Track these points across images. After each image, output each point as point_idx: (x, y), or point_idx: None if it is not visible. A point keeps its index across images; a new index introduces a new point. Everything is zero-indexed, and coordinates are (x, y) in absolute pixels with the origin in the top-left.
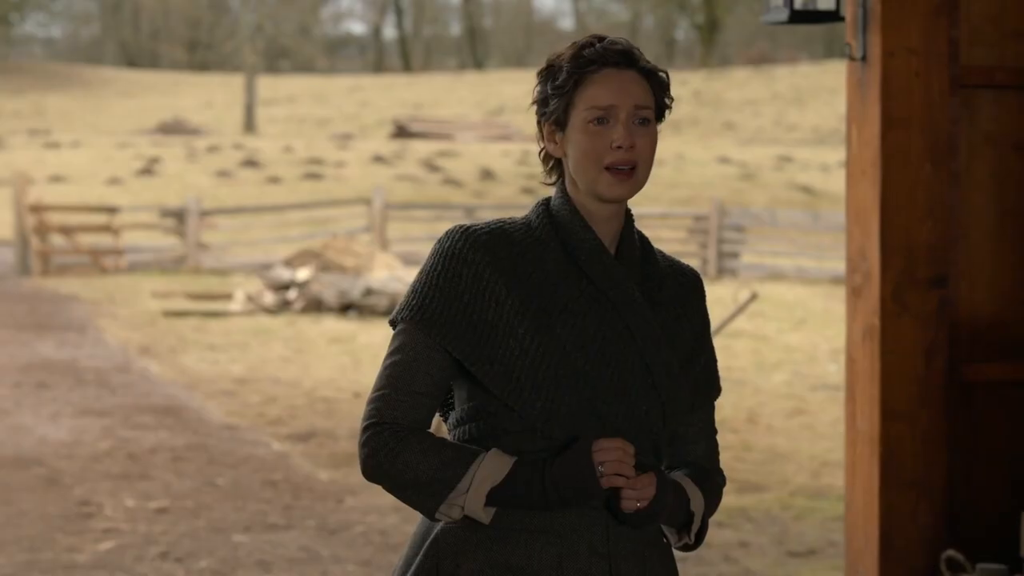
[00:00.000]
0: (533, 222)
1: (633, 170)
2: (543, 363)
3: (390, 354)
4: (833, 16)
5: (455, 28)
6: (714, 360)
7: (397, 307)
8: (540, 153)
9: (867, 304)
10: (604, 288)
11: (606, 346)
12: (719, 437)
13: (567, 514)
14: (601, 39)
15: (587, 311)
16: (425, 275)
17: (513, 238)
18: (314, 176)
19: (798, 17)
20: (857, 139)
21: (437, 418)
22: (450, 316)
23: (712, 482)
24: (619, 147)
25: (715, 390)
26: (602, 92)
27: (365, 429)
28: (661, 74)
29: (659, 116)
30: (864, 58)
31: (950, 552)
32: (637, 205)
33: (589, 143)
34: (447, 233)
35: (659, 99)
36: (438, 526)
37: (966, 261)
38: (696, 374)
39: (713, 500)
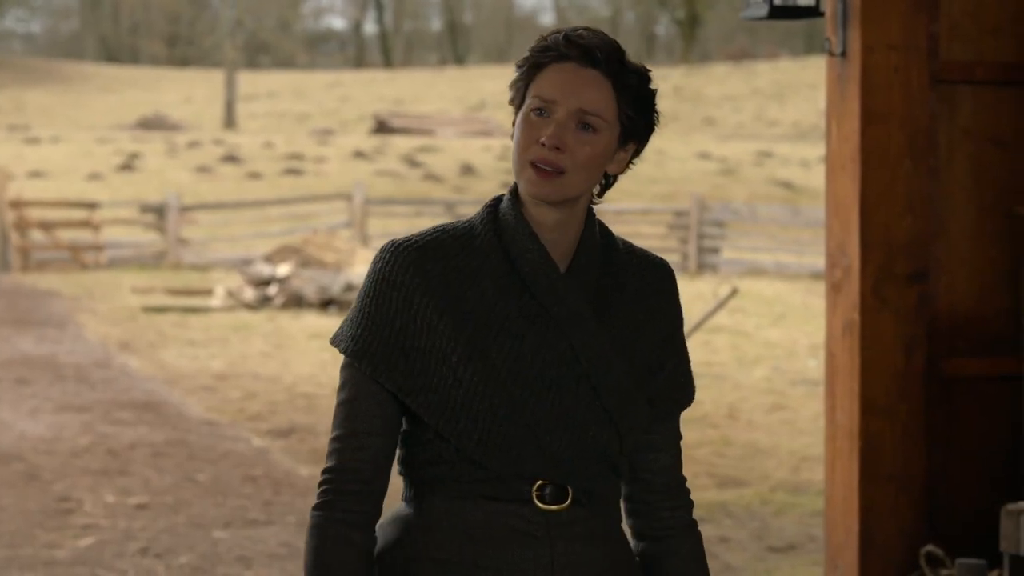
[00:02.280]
0: (476, 228)
1: (561, 174)
2: (477, 392)
3: (338, 391)
4: (813, 12)
5: (435, 23)
6: (686, 363)
7: (338, 329)
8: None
9: (847, 299)
10: (547, 304)
11: (546, 370)
12: (699, 433)
13: (511, 547)
14: (576, 30)
15: (526, 332)
16: (359, 301)
17: (449, 251)
18: (294, 172)
19: (778, 13)
20: (837, 134)
21: None
22: (381, 346)
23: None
24: (543, 144)
25: (685, 396)
26: (548, 84)
27: (324, 472)
28: (632, 84)
29: (626, 131)
30: (844, 54)
31: (929, 547)
32: (617, 201)
33: (522, 133)
34: (380, 251)
35: (623, 110)
36: (380, 551)
37: (945, 256)
38: (661, 383)
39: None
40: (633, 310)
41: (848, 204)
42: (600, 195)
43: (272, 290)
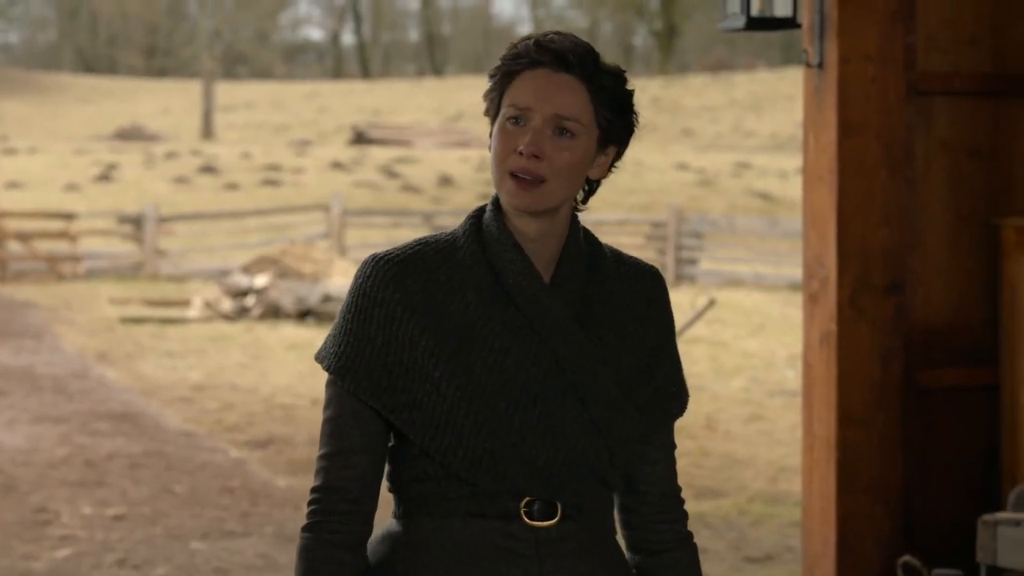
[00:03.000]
0: (459, 240)
1: (541, 183)
2: (461, 408)
3: (324, 408)
4: (790, 23)
5: (414, 34)
6: (678, 371)
7: (322, 345)
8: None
9: (824, 310)
10: (531, 317)
11: (530, 383)
12: (677, 443)
13: (498, 566)
14: (547, 35)
15: (510, 346)
16: (341, 316)
17: (431, 265)
18: (272, 182)
19: (755, 24)
20: (814, 145)
21: None
22: (363, 362)
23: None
24: (520, 153)
25: (678, 405)
26: (521, 91)
27: (312, 491)
28: (607, 85)
29: (605, 134)
30: (821, 65)
31: (906, 558)
32: (595, 211)
33: (499, 143)
34: (361, 265)
35: (600, 113)
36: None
37: (922, 267)
38: (651, 393)
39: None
40: (621, 319)
41: (825, 215)
42: (584, 201)
43: (250, 301)
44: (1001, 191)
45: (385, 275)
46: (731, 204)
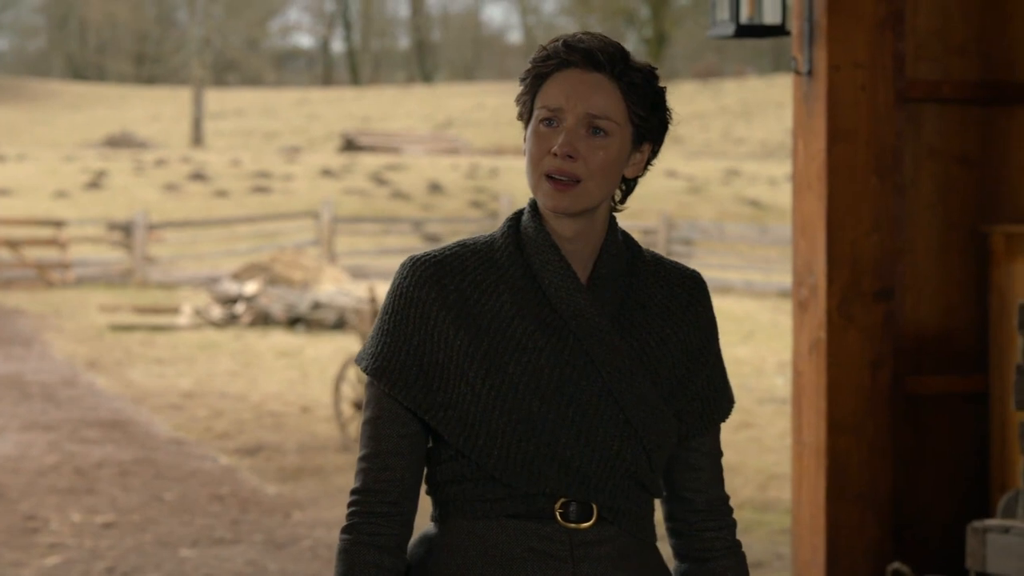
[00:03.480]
0: (497, 241)
1: (577, 183)
2: (495, 407)
3: (363, 409)
4: (779, 30)
5: (403, 41)
6: (720, 375)
7: (362, 347)
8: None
9: (813, 317)
10: (567, 317)
11: (564, 384)
12: None
13: (531, 568)
14: (576, 35)
15: (544, 346)
16: (380, 318)
17: (467, 265)
18: (262, 189)
19: (744, 32)
20: (803, 152)
21: None
22: (399, 363)
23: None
24: (555, 154)
25: (719, 411)
26: (553, 92)
27: (351, 493)
28: (638, 82)
29: (639, 132)
30: (810, 72)
31: (896, 564)
32: None
33: (533, 145)
34: (400, 266)
35: (632, 110)
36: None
37: (911, 274)
38: (690, 397)
39: None
40: (659, 322)
41: (814, 222)
42: (622, 201)
43: (239, 308)
44: (990, 198)
45: (422, 275)
46: (721, 211)
